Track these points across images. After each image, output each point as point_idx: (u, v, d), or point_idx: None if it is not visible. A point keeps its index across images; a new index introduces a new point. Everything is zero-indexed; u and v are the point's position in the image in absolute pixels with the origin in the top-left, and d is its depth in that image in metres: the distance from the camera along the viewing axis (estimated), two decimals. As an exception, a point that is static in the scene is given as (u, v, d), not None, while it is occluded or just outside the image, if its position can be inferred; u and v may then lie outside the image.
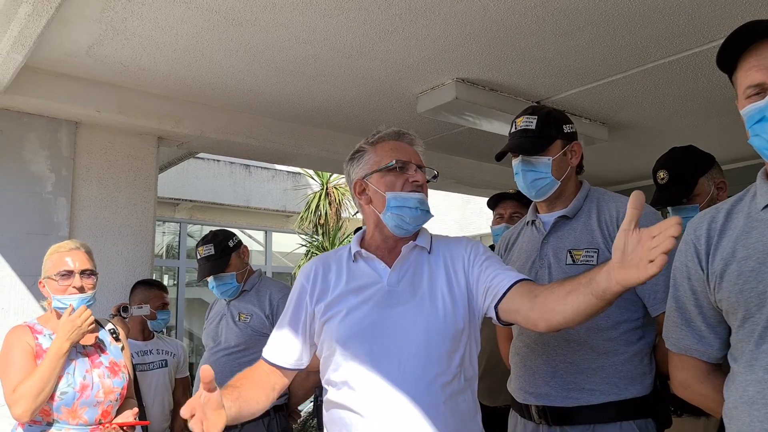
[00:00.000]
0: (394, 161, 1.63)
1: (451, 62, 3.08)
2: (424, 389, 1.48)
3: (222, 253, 2.97)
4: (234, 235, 3.10)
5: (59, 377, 2.18)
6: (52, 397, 2.17)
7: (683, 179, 2.36)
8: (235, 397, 1.48)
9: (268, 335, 2.85)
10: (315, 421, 4.84)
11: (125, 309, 3.25)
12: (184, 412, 1.29)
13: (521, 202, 3.09)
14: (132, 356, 3.31)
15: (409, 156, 1.67)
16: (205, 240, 3.04)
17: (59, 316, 2.30)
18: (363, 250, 1.67)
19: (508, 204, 3.18)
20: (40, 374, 2.13)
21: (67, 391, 2.20)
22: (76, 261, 2.31)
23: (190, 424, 1.29)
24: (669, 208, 2.42)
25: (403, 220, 1.61)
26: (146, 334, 3.41)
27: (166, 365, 3.40)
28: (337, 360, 1.58)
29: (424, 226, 1.70)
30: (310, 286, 1.68)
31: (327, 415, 1.61)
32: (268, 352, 1.72)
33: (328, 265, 1.70)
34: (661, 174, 2.42)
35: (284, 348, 1.69)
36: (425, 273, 1.62)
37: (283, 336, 1.71)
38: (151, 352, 3.38)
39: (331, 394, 1.60)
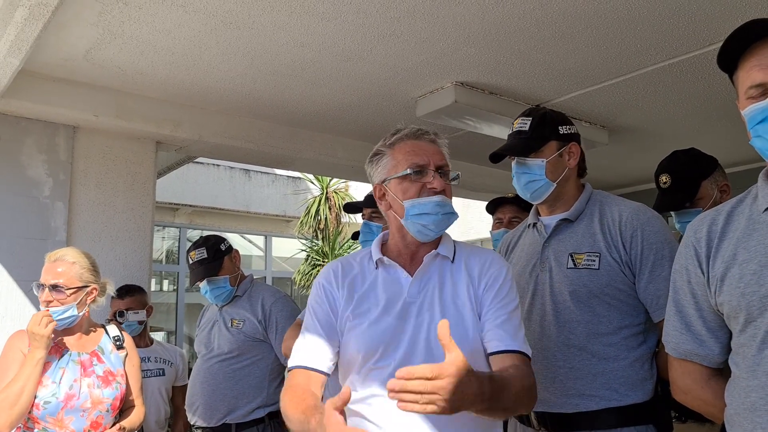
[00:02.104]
0: (409, 170, 1.56)
1: (450, 65, 3.07)
2: None
3: (214, 256, 2.94)
4: (225, 239, 3.08)
5: (37, 385, 2.14)
6: (36, 405, 2.14)
7: (686, 183, 2.33)
8: None
9: (261, 341, 2.85)
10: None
11: (121, 314, 3.22)
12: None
13: (520, 206, 3.07)
14: None
15: (428, 157, 1.58)
16: (196, 244, 3.01)
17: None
18: (385, 258, 1.60)
19: (507, 208, 3.16)
20: (13, 385, 2.10)
21: (51, 400, 2.16)
22: (48, 274, 2.26)
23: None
24: (672, 213, 2.39)
25: (425, 227, 1.55)
26: (145, 341, 3.39)
27: (164, 374, 3.38)
28: (356, 369, 1.54)
29: (447, 232, 1.65)
30: (335, 288, 1.61)
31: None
32: (304, 358, 1.56)
33: (350, 268, 1.64)
34: (664, 178, 2.39)
35: (321, 351, 1.57)
36: (447, 284, 1.56)
37: (315, 339, 1.58)
38: (149, 359, 3.35)
39: (353, 405, 1.54)
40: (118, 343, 2.46)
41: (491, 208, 3.27)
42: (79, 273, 2.31)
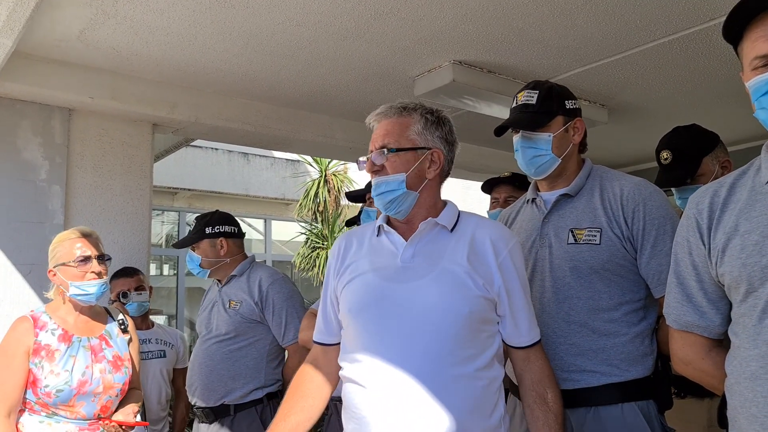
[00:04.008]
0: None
1: (448, 44, 3.03)
2: (430, 367, 1.45)
3: (196, 232, 3.01)
4: (225, 223, 3.07)
5: (26, 376, 2.15)
6: (47, 394, 2.14)
7: (687, 159, 2.32)
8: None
9: (258, 322, 2.87)
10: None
11: (125, 295, 3.22)
12: None
13: (515, 185, 3.10)
14: None
15: (372, 144, 1.65)
16: (198, 217, 3.11)
17: (74, 303, 2.30)
18: (385, 225, 1.65)
19: (502, 188, 3.19)
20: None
21: (63, 389, 2.17)
22: (92, 246, 2.31)
23: None
24: (673, 189, 2.38)
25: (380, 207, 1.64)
26: (146, 323, 3.40)
27: (165, 356, 3.39)
28: (348, 333, 1.61)
29: (453, 203, 1.68)
30: (334, 261, 1.71)
31: (342, 391, 1.61)
32: (318, 334, 1.74)
33: (350, 241, 1.71)
34: (665, 154, 2.38)
35: (331, 324, 1.71)
36: (445, 252, 1.57)
37: (325, 313, 1.73)
38: (150, 341, 3.36)
39: (343, 369, 1.60)
40: (123, 327, 2.46)
41: (487, 188, 3.29)
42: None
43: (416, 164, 1.60)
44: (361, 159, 1.71)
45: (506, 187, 3.17)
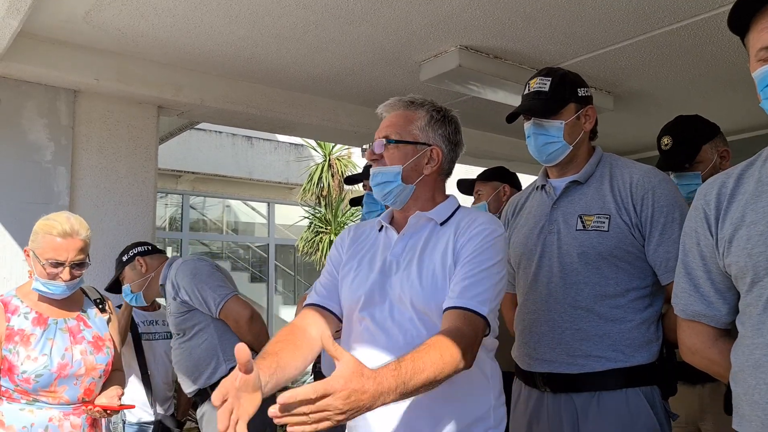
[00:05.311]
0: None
1: (455, 28, 3.02)
2: None
3: (116, 268, 3.13)
4: (136, 246, 3.12)
5: None
6: (26, 380, 2.07)
7: (686, 145, 2.38)
8: (273, 370, 1.36)
9: (190, 311, 2.86)
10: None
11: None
12: (215, 397, 1.15)
13: (485, 180, 3.38)
14: (138, 325, 3.32)
15: (378, 132, 1.66)
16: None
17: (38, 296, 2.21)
18: (385, 222, 1.69)
19: (479, 184, 3.41)
20: None
21: (43, 373, 2.09)
22: (69, 252, 2.15)
23: (219, 413, 1.14)
24: (671, 174, 2.40)
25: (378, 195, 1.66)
26: (153, 305, 3.42)
27: (170, 337, 3.40)
28: (346, 324, 1.65)
29: (455, 199, 1.69)
30: (341, 249, 1.74)
31: None
32: (315, 298, 1.69)
33: (359, 231, 1.76)
34: (665, 140, 2.44)
35: (328, 290, 1.70)
36: (430, 244, 1.59)
37: (322, 281, 1.73)
38: (156, 322, 3.40)
39: None
40: (101, 306, 2.38)
41: (465, 189, 3.49)
42: (89, 244, 2.27)
43: (414, 158, 1.61)
44: (364, 146, 1.72)
45: (480, 183, 3.38)
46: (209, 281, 2.78)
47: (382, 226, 1.70)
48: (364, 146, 1.72)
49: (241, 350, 1.14)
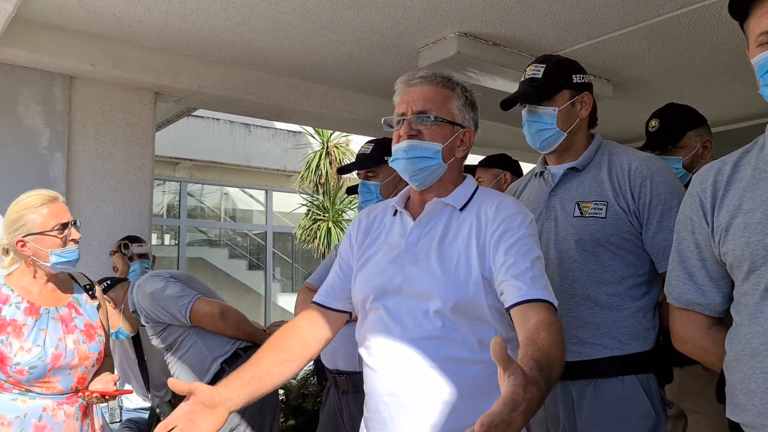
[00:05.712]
0: (395, 118, 1.57)
1: (453, 15, 3.00)
2: (426, 351, 1.44)
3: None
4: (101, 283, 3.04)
5: None
6: (20, 371, 2.03)
7: (672, 129, 2.48)
8: (246, 381, 1.39)
9: (164, 327, 2.81)
10: (315, 378, 4.88)
11: (126, 246, 3.22)
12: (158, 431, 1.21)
13: (486, 167, 3.29)
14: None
15: (406, 105, 1.55)
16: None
17: (43, 272, 2.17)
18: (399, 206, 1.62)
19: (480, 171, 3.31)
20: None
21: (37, 364, 2.05)
22: (63, 213, 2.17)
23: None
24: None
25: (401, 173, 1.57)
26: None
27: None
28: (360, 314, 1.59)
29: (471, 179, 1.62)
30: (355, 236, 1.67)
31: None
32: (318, 297, 1.67)
33: (373, 216, 1.68)
34: (653, 122, 2.56)
35: (334, 290, 1.66)
36: (450, 232, 1.52)
37: (333, 280, 1.68)
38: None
39: (362, 354, 1.59)
40: (90, 292, 2.34)
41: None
42: None
43: (451, 138, 1.55)
44: (395, 117, 1.58)
45: (481, 169, 3.30)
46: (169, 295, 2.73)
47: (396, 210, 1.62)
48: (396, 117, 1.58)
49: (173, 384, 1.28)
